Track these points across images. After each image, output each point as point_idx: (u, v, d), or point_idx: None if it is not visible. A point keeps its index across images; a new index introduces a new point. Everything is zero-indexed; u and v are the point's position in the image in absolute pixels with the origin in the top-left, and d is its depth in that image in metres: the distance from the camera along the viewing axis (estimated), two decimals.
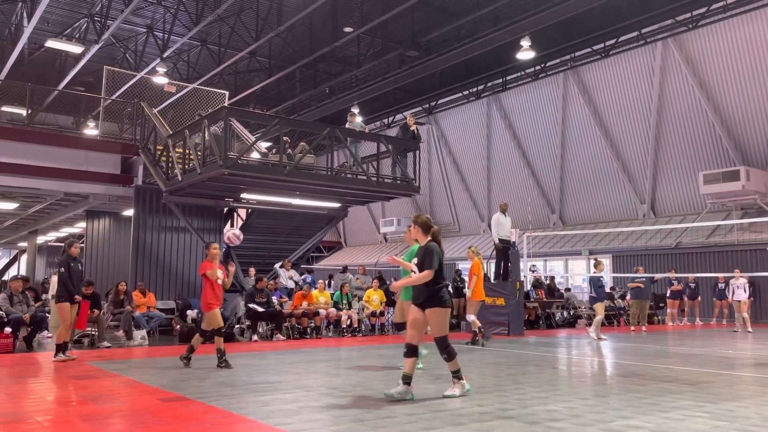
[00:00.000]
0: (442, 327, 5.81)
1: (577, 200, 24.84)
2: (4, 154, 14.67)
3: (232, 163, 12.12)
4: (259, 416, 4.96)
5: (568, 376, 7.58)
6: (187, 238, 15.86)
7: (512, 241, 14.42)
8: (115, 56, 21.87)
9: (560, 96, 24.04)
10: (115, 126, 20.70)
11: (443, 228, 30.83)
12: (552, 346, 11.52)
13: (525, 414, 5.02)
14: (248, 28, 18.95)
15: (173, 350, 10.69)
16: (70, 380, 7.01)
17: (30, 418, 4.97)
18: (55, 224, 23.00)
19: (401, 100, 26.52)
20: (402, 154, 14.91)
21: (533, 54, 18.60)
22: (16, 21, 18.92)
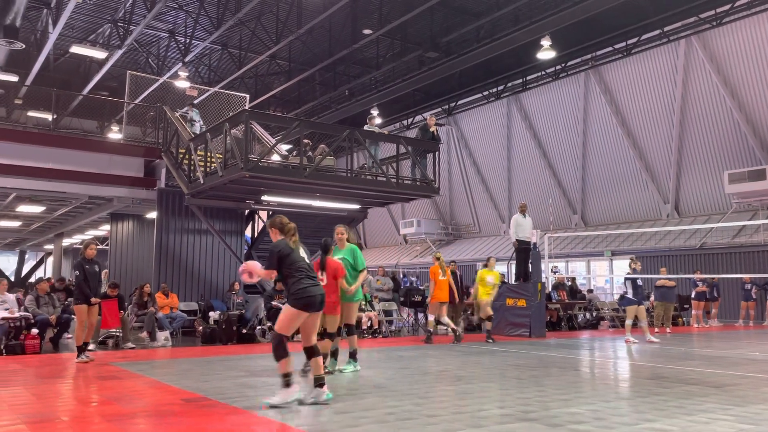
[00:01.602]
0: (282, 323, 5.58)
1: (599, 200, 24.59)
2: (31, 158, 14.94)
3: (253, 165, 12.21)
4: (280, 417, 4.98)
5: (591, 379, 7.50)
6: (209, 240, 16.01)
7: (533, 242, 14.31)
8: (138, 61, 22.17)
9: (581, 95, 23.83)
10: (138, 130, 21.00)
11: (463, 229, 30.74)
12: (574, 348, 11.41)
13: (547, 416, 4.98)
14: (268, 32, 19.09)
15: (196, 351, 10.80)
16: (95, 381, 7.11)
17: (56, 417, 5.05)
18: (81, 227, 23.36)
19: (420, 102, 26.49)
20: (422, 156, 14.89)
21: (554, 53, 18.46)
22: (41, 27, 19.28)
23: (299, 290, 5.52)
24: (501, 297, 14.58)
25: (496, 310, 14.59)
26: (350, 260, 7.76)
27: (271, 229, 5.92)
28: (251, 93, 22.30)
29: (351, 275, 7.68)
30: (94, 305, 9.17)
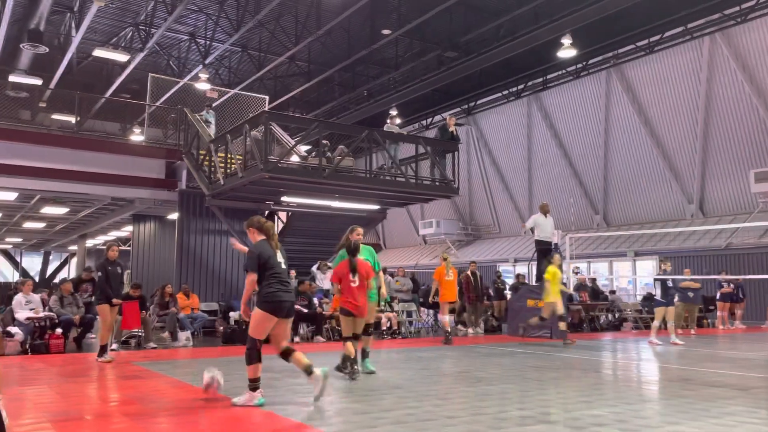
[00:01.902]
0: (253, 328, 5.53)
1: (622, 200, 24.29)
2: (55, 160, 15.18)
3: (272, 166, 12.27)
4: (300, 417, 4.99)
5: (614, 380, 7.40)
6: (229, 241, 16.12)
7: (554, 242, 14.18)
8: (159, 64, 22.40)
9: (603, 94, 23.57)
10: (159, 132, 21.19)
11: (483, 230, 30.58)
12: (596, 350, 11.28)
13: (568, 419, 4.92)
14: (287, 33, 19.17)
15: (216, 351, 10.87)
16: (118, 380, 7.19)
17: (80, 416, 5.11)
18: (103, 228, 23.68)
19: (440, 102, 26.41)
20: (441, 156, 14.84)
21: (575, 52, 18.27)
22: (64, 31, 19.57)
23: (269, 293, 5.49)
24: (521, 298, 14.47)
25: (516, 310, 14.50)
26: (371, 261, 7.75)
27: (249, 228, 5.81)
28: (271, 94, 22.40)
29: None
30: (115, 306, 9.28)
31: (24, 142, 15.29)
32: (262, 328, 5.49)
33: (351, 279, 7.09)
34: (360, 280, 7.12)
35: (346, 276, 7.13)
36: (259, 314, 5.50)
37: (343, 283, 7.14)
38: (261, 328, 5.49)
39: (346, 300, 7.11)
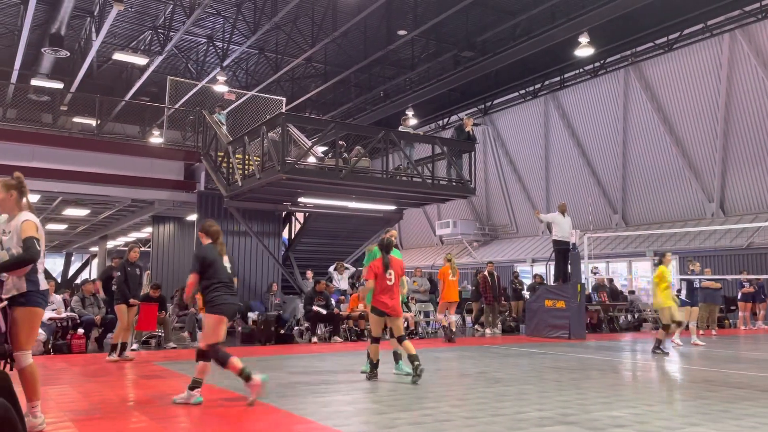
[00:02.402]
0: (209, 334, 5.69)
1: (641, 200, 24.04)
2: (76, 163, 15.40)
3: (289, 168, 12.34)
4: (318, 417, 5.02)
5: (633, 382, 7.34)
6: (247, 242, 16.23)
7: (572, 242, 14.09)
8: (177, 66, 22.62)
9: (621, 93, 23.35)
10: (178, 134, 21.42)
11: (500, 230, 30.45)
12: (615, 351, 11.19)
13: (587, 419, 4.89)
14: (304, 35, 19.26)
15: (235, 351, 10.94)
16: (138, 380, 7.28)
17: (101, 415, 5.19)
18: (124, 229, 23.97)
19: (456, 102, 26.35)
20: (457, 156, 14.82)
21: (592, 50, 18.13)
22: (85, 36, 19.85)
23: (217, 297, 5.68)
24: (540, 299, 14.40)
25: (534, 311, 14.43)
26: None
27: (200, 233, 6.10)
28: (287, 96, 22.52)
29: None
30: (132, 306, 9.39)
31: (46, 145, 15.54)
32: (218, 331, 5.71)
33: (387, 277, 6.98)
34: (395, 278, 7.02)
35: (381, 273, 6.99)
36: (211, 319, 5.71)
37: (378, 281, 6.98)
38: (216, 332, 5.71)
39: (379, 299, 6.96)
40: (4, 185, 4.48)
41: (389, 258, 7.09)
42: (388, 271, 6.99)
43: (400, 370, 7.42)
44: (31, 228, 4.38)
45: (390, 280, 6.96)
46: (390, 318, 7.02)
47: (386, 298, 6.93)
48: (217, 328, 5.71)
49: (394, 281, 7.00)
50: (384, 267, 7.00)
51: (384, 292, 6.96)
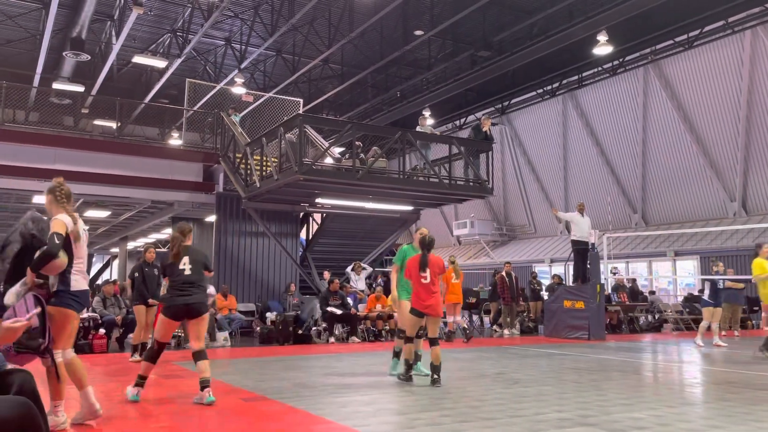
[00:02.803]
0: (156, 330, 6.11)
1: (661, 199, 23.77)
2: (97, 165, 15.60)
3: (307, 168, 12.39)
4: (337, 417, 5.03)
5: (654, 383, 7.26)
6: (265, 243, 16.32)
7: (591, 242, 13.97)
8: (196, 69, 22.82)
9: (640, 91, 23.11)
10: (197, 136, 21.59)
11: (518, 230, 30.28)
12: (636, 351, 11.08)
13: (607, 421, 4.85)
14: (321, 36, 19.32)
15: (254, 351, 11.02)
16: (159, 379, 7.35)
17: (122, 414, 5.25)
18: (144, 231, 24.23)
19: (473, 101, 26.26)
20: (474, 156, 14.77)
21: (611, 49, 17.96)
22: (105, 39, 20.11)
23: (165, 299, 6.02)
24: (558, 299, 14.30)
25: (553, 312, 14.33)
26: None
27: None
28: (305, 97, 22.61)
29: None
30: (151, 306, 9.49)
31: (68, 147, 15.77)
32: (163, 330, 5.97)
33: (422, 275, 6.78)
34: (431, 277, 6.80)
35: (415, 272, 6.81)
36: (160, 319, 6.03)
37: (413, 281, 6.82)
38: (162, 331, 5.98)
39: (417, 299, 6.77)
40: (46, 190, 4.82)
41: (428, 256, 6.85)
42: (425, 269, 6.78)
43: (419, 370, 7.34)
44: (56, 225, 4.53)
45: (425, 278, 6.74)
46: (429, 318, 6.83)
47: (425, 298, 6.71)
48: (162, 327, 5.95)
49: (431, 279, 6.77)
50: (420, 265, 6.78)
51: (422, 292, 6.74)
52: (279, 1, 17.70)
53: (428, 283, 6.75)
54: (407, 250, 7.34)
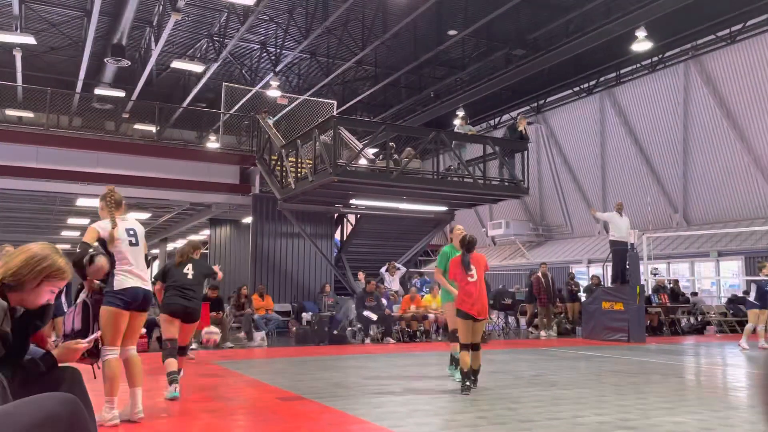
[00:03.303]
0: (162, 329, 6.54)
1: (703, 198, 23.16)
2: (138, 168, 15.98)
3: (341, 170, 12.46)
4: (372, 418, 5.04)
5: (697, 386, 7.08)
6: (300, 244, 16.47)
7: (630, 242, 13.70)
8: (232, 73, 23.16)
9: (681, 87, 22.56)
10: (233, 139, 21.93)
11: (555, 230, 29.89)
12: (677, 354, 10.82)
13: (648, 425, 4.75)
14: (354, 38, 19.40)
15: (290, 351, 11.13)
16: (198, 378, 7.49)
17: (164, 412, 5.36)
18: (182, 232, 24.72)
19: (508, 100, 26.02)
20: (509, 155, 14.64)
21: (650, 45, 17.58)
22: (144, 45, 20.57)
23: (165, 298, 6.40)
24: (597, 300, 14.07)
25: (591, 313, 14.10)
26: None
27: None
28: (339, 99, 22.73)
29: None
30: None
31: (109, 151, 16.19)
32: (166, 329, 6.34)
33: (468, 274, 6.47)
34: (478, 274, 6.47)
35: (460, 273, 6.47)
36: (161, 318, 6.47)
37: (459, 282, 6.50)
38: (166, 330, 6.36)
39: (463, 301, 6.41)
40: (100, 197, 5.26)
41: (469, 256, 6.53)
42: (470, 268, 6.48)
43: (454, 372, 7.23)
44: (86, 234, 4.91)
45: (472, 276, 6.43)
46: (475, 321, 6.44)
47: (471, 300, 6.35)
48: (164, 326, 6.35)
49: (477, 278, 6.44)
50: (464, 266, 6.49)
51: (468, 293, 6.38)
52: (313, 4, 17.84)
53: (475, 282, 6.44)
54: (449, 251, 7.17)
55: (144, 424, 4.84)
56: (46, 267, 2.48)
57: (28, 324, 2.55)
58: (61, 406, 1.98)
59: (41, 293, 2.50)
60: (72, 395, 2.08)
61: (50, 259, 2.50)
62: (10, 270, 2.42)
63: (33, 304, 2.51)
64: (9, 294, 2.42)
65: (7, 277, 2.41)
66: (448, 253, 7.15)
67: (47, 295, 2.53)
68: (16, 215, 22.27)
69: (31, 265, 2.46)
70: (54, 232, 27.50)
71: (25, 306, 2.51)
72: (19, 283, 2.43)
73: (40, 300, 2.52)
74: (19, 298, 2.47)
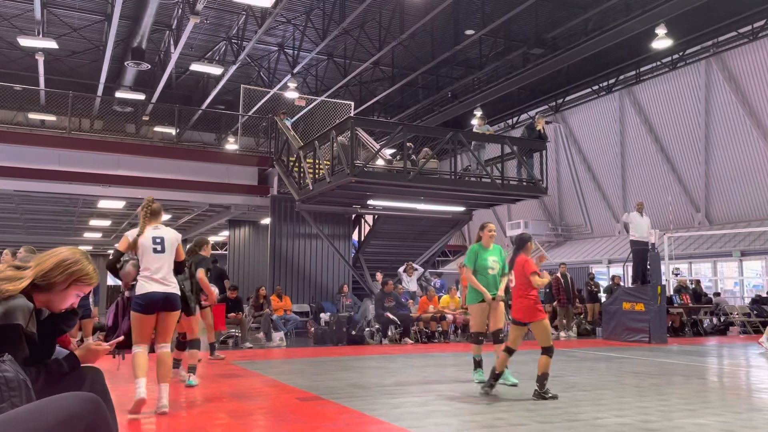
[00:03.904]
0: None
1: (726, 197, 22.82)
2: (158, 170, 16.15)
3: (358, 170, 12.48)
4: (390, 418, 5.04)
5: (720, 388, 6.98)
6: (318, 244, 16.53)
7: (651, 242, 13.54)
8: (250, 75, 23.31)
9: (702, 85, 22.26)
10: (252, 140, 22.07)
11: (574, 230, 29.66)
12: (700, 355, 10.67)
13: (670, 427, 4.69)
14: (371, 39, 19.43)
15: (308, 351, 11.17)
16: (218, 378, 7.55)
17: (184, 411, 5.41)
18: (202, 233, 24.92)
19: (526, 100, 25.87)
20: (528, 155, 14.55)
21: (670, 42, 17.36)
22: (164, 48, 20.79)
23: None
24: (617, 301, 13.92)
25: (611, 314, 13.96)
26: (500, 262, 6.96)
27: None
28: (356, 100, 22.77)
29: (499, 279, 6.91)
30: (205, 308, 9.75)
31: (130, 153, 16.40)
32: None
33: (510, 279, 6.35)
34: (516, 279, 6.22)
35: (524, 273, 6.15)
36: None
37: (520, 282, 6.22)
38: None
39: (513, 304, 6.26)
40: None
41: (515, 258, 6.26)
42: (511, 271, 6.31)
43: (506, 379, 6.84)
44: (121, 239, 5.46)
45: (512, 282, 6.29)
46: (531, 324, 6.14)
47: (516, 302, 6.17)
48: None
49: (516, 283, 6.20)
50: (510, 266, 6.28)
51: (515, 297, 6.19)
52: (330, 6, 17.90)
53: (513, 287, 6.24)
54: (477, 249, 6.92)
55: (163, 423, 4.89)
56: (76, 271, 2.56)
57: (54, 327, 2.60)
58: (83, 405, 2.01)
59: (68, 296, 2.57)
60: (94, 395, 2.11)
61: (80, 263, 2.58)
62: (42, 271, 2.49)
63: (58, 306, 2.57)
64: (35, 295, 2.47)
65: (38, 278, 2.47)
66: (476, 251, 6.92)
67: (72, 298, 2.60)
68: (39, 217, 22.63)
69: (62, 267, 2.53)
70: (76, 233, 27.91)
71: (51, 308, 2.57)
72: (48, 285, 2.50)
73: (66, 303, 2.58)
74: (45, 300, 2.52)
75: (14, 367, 2.14)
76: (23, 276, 2.44)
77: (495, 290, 6.85)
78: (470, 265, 6.93)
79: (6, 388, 2.06)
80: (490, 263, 6.86)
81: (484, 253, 6.92)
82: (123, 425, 4.69)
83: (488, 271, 6.85)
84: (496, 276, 6.89)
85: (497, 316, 6.96)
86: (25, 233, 26.40)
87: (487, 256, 6.89)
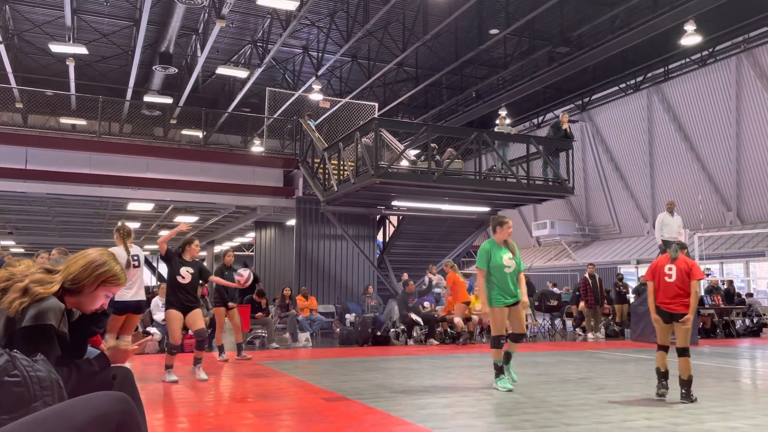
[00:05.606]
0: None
1: (758, 195, 22.31)
2: (185, 173, 16.37)
3: (383, 172, 12.49)
4: (416, 419, 5.04)
5: (753, 390, 6.83)
6: (343, 245, 16.58)
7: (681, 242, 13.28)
8: (275, 77, 23.51)
9: (733, 82, 21.81)
10: (277, 142, 22.25)
11: (602, 230, 29.27)
12: (732, 357, 10.45)
13: (701, 430, 4.60)
14: (395, 40, 19.44)
15: (334, 352, 11.21)
16: (245, 378, 7.62)
17: (212, 411, 5.48)
18: (229, 235, 25.20)
19: (551, 99, 25.63)
20: (554, 155, 14.41)
21: (699, 39, 17.04)
22: (191, 52, 21.09)
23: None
24: (645, 301, 13.68)
25: (640, 315, 13.73)
26: (516, 260, 6.67)
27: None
28: (380, 101, 22.80)
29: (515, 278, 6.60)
30: (231, 309, 9.86)
31: (158, 156, 16.65)
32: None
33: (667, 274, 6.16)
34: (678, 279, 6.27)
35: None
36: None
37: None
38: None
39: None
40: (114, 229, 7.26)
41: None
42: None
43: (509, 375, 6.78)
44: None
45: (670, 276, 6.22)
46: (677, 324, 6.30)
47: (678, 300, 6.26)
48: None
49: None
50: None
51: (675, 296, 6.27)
52: (354, 7, 17.96)
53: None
54: (489, 248, 6.55)
55: (192, 422, 4.95)
56: (104, 272, 2.60)
57: (85, 328, 2.65)
58: (113, 405, 2.05)
59: (97, 297, 2.61)
60: (124, 394, 2.15)
61: (108, 264, 2.62)
62: (71, 274, 2.54)
63: (88, 307, 2.62)
64: (66, 297, 2.53)
65: (67, 281, 2.52)
66: (489, 249, 6.52)
67: (102, 299, 2.64)
68: (71, 219, 23.10)
69: (91, 269, 2.58)
70: (106, 235, 28.43)
71: (81, 310, 2.62)
72: (77, 287, 2.54)
73: (96, 304, 2.62)
74: (75, 302, 2.57)
75: (47, 367, 2.19)
76: (53, 280, 2.50)
77: (513, 287, 6.46)
78: (483, 266, 6.50)
79: (39, 387, 2.11)
80: (506, 261, 6.46)
81: (498, 251, 6.55)
82: (151, 425, 4.76)
83: (504, 270, 6.43)
84: (514, 274, 6.52)
85: (519, 320, 6.64)
86: (58, 235, 26.97)
87: (501, 254, 6.52)
